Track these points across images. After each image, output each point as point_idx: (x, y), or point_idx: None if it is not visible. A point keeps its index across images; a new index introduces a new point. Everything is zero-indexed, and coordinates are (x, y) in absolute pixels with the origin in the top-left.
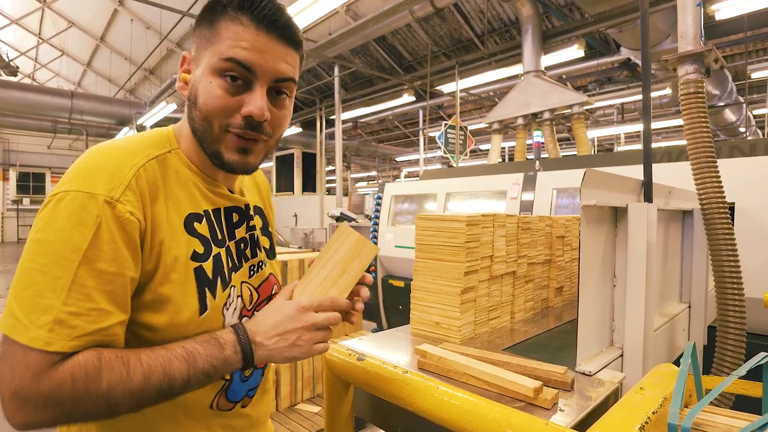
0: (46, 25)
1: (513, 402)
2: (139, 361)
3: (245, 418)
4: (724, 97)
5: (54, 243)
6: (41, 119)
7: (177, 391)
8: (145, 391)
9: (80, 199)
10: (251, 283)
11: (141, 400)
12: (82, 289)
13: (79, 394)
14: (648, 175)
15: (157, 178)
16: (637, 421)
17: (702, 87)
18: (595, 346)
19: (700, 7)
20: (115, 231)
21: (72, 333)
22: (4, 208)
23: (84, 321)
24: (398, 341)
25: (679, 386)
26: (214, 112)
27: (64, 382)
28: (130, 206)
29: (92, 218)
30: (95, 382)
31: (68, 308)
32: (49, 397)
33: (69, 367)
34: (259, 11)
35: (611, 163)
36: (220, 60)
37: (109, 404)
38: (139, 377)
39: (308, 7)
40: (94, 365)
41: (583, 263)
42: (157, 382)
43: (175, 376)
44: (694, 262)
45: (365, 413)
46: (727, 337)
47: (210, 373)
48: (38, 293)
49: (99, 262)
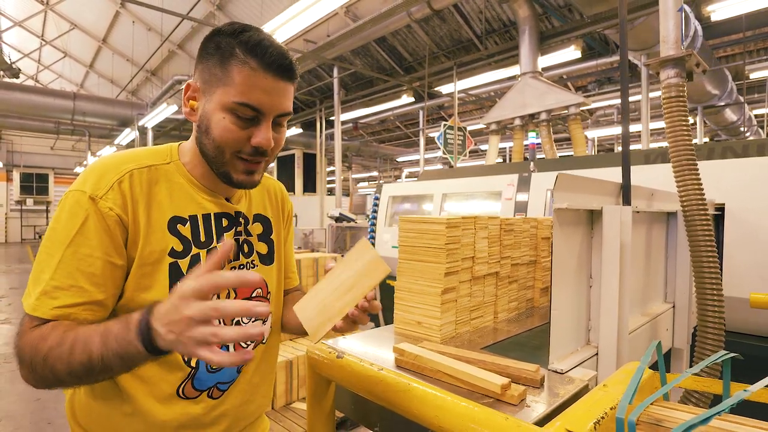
0: (49, 27)
1: (482, 398)
2: (74, 332)
3: (215, 410)
4: (724, 96)
5: (57, 230)
6: (44, 120)
7: (97, 369)
8: (72, 362)
9: (76, 197)
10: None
11: (72, 371)
12: (66, 267)
13: (32, 355)
14: (626, 178)
15: (143, 184)
16: (594, 416)
17: (683, 91)
18: (569, 345)
19: (681, 13)
20: (98, 223)
21: (53, 303)
22: (8, 208)
23: (64, 294)
24: (381, 340)
25: (633, 382)
26: (228, 143)
27: (26, 342)
28: (111, 203)
29: (82, 211)
30: (41, 344)
31: (53, 282)
32: (19, 355)
33: (36, 331)
34: (267, 57)
35: (605, 164)
36: (235, 103)
37: (50, 369)
38: (66, 346)
39: (308, 9)
40: (47, 331)
41: (555, 264)
42: (79, 355)
43: (92, 351)
44: (678, 263)
45: (346, 410)
46: (706, 337)
47: (120, 354)
48: (39, 269)
49: (83, 247)
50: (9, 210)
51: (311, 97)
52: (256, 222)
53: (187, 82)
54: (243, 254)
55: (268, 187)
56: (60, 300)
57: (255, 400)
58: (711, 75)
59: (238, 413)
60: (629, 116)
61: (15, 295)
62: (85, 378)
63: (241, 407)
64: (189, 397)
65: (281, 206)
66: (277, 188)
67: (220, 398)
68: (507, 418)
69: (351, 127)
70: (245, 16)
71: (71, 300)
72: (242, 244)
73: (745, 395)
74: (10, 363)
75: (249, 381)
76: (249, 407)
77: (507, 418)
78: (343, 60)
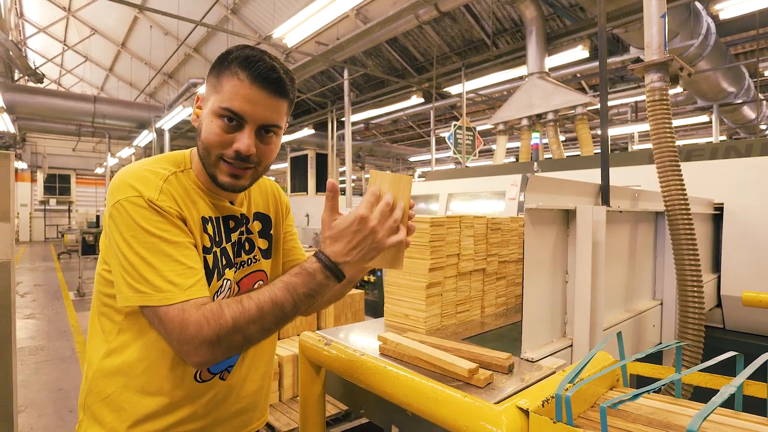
0: (71, 32)
1: (452, 381)
2: (249, 298)
3: (221, 386)
4: (741, 94)
5: (134, 236)
6: (66, 123)
7: (290, 314)
8: (264, 317)
9: (136, 202)
10: (235, 277)
11: (264, 326)
12: (170, 259)
13: (217, 329)
14: (605, 179)
15: (178, 187)
16: (545, 396)
17: (666, 94)
18: (544, 336)
19: (665, 19)
20: (168, 216)
21: (181, 288)
22: (32, 208)
23: (184, 279)
24: (371, 331)
25: (579, 365)
26: (213, 144)
27: (198, 323)
28: (167, 204)
29: (149, 211)
30: (221, 318)
31: (169, 275)
32: (197, 335)
33: (200, 311)
34: (255, 69)
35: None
36: (220, 108)
37: (241, 333)
38: (254, 308)
39: (319, 12)
40: (216, 307)
41: (527, 260)
42: (270, 309)
43: (282, 303)
44: (666, 261)
45: (335, 394)
46: (686, 332)
47: (311, 294)
48: (147, 270)
49: (172, 236)
50: (33, 210)
51: (323, 99)
52: (256, 220)
53: (197, 94)
54: (244, 251)
55: (265, 187)
56: (183, 284)
57: (255, 379)
58: (726, 72)
59: (235, 386)
60: (608, 120)
61: (39, 291)
62: (275, 328)
63: (243, 386)
64: (204, 380)
65: (279, 202)
66: (273, 186)
67: (227, 378)
68: (465, 396)
69: (362, 128)
70: (259, 20)
71: (191, 281)
72: (244, 242)
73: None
74: (34, 355)
75: (250, 360)
76: (251, 386)
77: (465, 396)
78: (355, 61)
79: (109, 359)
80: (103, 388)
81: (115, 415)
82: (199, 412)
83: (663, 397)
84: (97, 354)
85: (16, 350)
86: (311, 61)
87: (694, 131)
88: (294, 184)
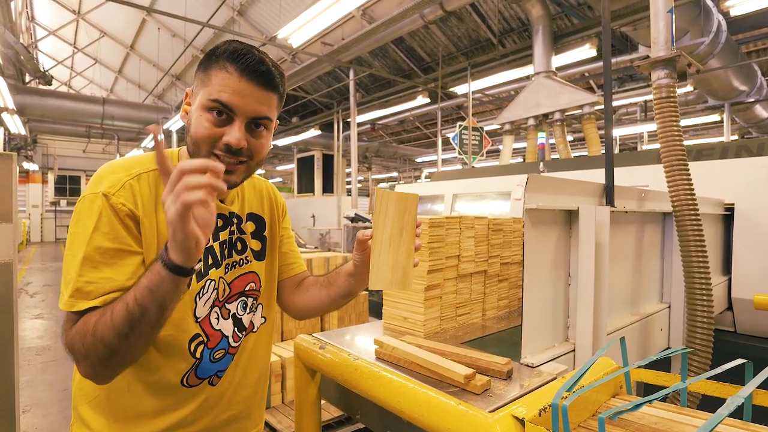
0: (81, 35)
1: (448, 387)
2: (112, 304)
3: (212, 392)
4: (753, 93)
5: (77, 232)
6: (76, 125)
7: (137, 315)
8: (115, 321)
9: (91, 198)
10: (226, 278)
11: (117, 330)
12: (91, 262)
13: (81, 338)
14: (609, 179)
15: (151, 186)
16: (542, 404)
17: (673, 91)
18: (545, 341)
19: (671, 14)
20: (112, 216)
21: (87, 297)
22: (43, 209)
23: (95, 287)
24: (370, 334)
25: (578, 372)
26: (203, 138)
27: (73, 334)
28: (122, 199)
29: (96, 208)
30: (85, 326)
31: (83, 279)
32: (71, 348)
33: (79, 322)
34: (243, 62)
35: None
36: (209, 100)
37: (100, 339)
38: (108, 314)
39: (324, 11)
40: (88, 317)
41: (527, 262)
42: (118, 312)
43: (127, 300)
44: (674, 263)
45: (331, 398)
46: (694, 337)
47: (149, 287)
48: (67, 270)
49: (103, 241)
50: (44, 211)
51: (330, 99)
52: (249, 221)
53: (186, 90)
54: (236, 252)
55: (260, 187)
56: (93, 293)
57: (248, 384)
58: (738, 70)
59: (231, 397)
60: (612, 118)
61: (48, 291)
62: (131, 334)
63: (236, 393)
64: (192, 385)
65: (274, 203)
66: (269, 187)
67: (217, 384)
68: (458, 404)
69: (369, 128)
70: (265, 21)
71: (102, 290)
72: (235, 242)
73: (681, 386)
74: (41, 355)
75: (244, 366)
76: (244, 392)
77: (459, 403)
78: (361, 61)
79: None
80: (89, 390)
81: (100, 418)
82: (189, 419)
83: (668, 405)
84: None
85: (19, 350)
86: (317, 61)
87: (705, 131)
88: (301, 184)
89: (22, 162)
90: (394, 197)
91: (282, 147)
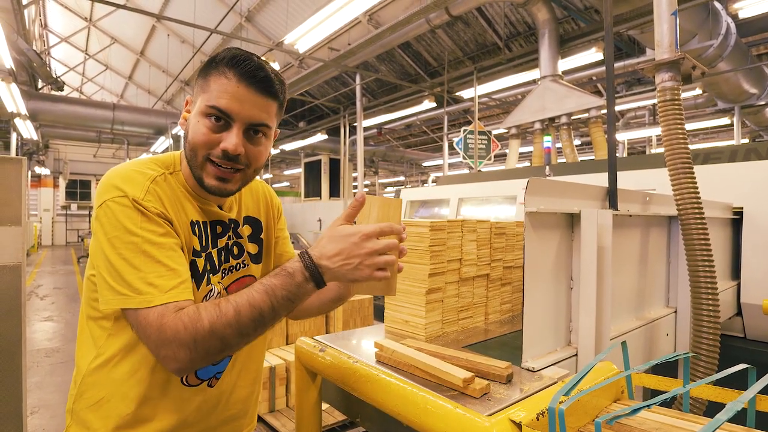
0: (92, 42)
1: (447, 391)
2: (227, 302)
3: (210, 394)
4: (763, 95)
5: (117, 236)
6: (86, 130)
7: (268, 318)
8: (241, 322)
9: (121, 202)
10: (223, 282)
11: (241, 330)
12: (152, 260)
13: (193, 333)
14: (612, 182)
15: (166, 188)
16: (540, 408)
17: (678, 94)
18: (546, 345)
19: (675, 16)
20: (152, 217)
21: (161, 290)
22: (55, 213)
23: (165, 281)
24: (371, 337)
25: (577, 376)
26: (200, 144)
27: (176, 327)
28: (152, 204)
29: (134, 211)
30: (198, 323)
31: (149, 278)
32: (175, 338)
33: (178, 316)
34: (241, 68)
35: (627, 167)
36: (207, 106)
37: (218, 338)
38: (231, 312)
39: (330, 17)
40: (191, 312)
41: (527, 266)
42: (248, 312)
43: (260, 305)
44: (680, 267)
45: (332, 401)
46: (700, 343)
47: (290, 298)
48: (122, 272)
49: (156, 238)
50: (55, 215)
51: (336, 104)
52: (246, 224)
53: (186, 98)
54: (232, 256)
55: (256, 190)
56: (164, 286)
57: (245, 385)
58: (747, 73)
59: (222, 394)
60: (615, 121)
61: (58, 294)
62: (253, 332)
63: (233, 393)
64: (192, 384)
65: (270, 205)
66: (265, 189)
67: (215, 385)
68: (456, 408)
69: (376, 133)
70: (272, 27)
71: (173, 283)
72: (231, 246)
73: (681, 390)
74: (50, 357)
75: (241, 367)
76: (241, 392)
77: (457, 407)
78: (368, 66)
79: (98, 365)
80: (93, 393)
81: (103, 421)
82: (189, 420)
83: (669, 411)
84: (86, 359)
85: (27, 352)
86: (323, 66)
87: (714, 134)
88: (308, 189)
89: (34, 166)
90: (377, 202)
91: (289, 151)
